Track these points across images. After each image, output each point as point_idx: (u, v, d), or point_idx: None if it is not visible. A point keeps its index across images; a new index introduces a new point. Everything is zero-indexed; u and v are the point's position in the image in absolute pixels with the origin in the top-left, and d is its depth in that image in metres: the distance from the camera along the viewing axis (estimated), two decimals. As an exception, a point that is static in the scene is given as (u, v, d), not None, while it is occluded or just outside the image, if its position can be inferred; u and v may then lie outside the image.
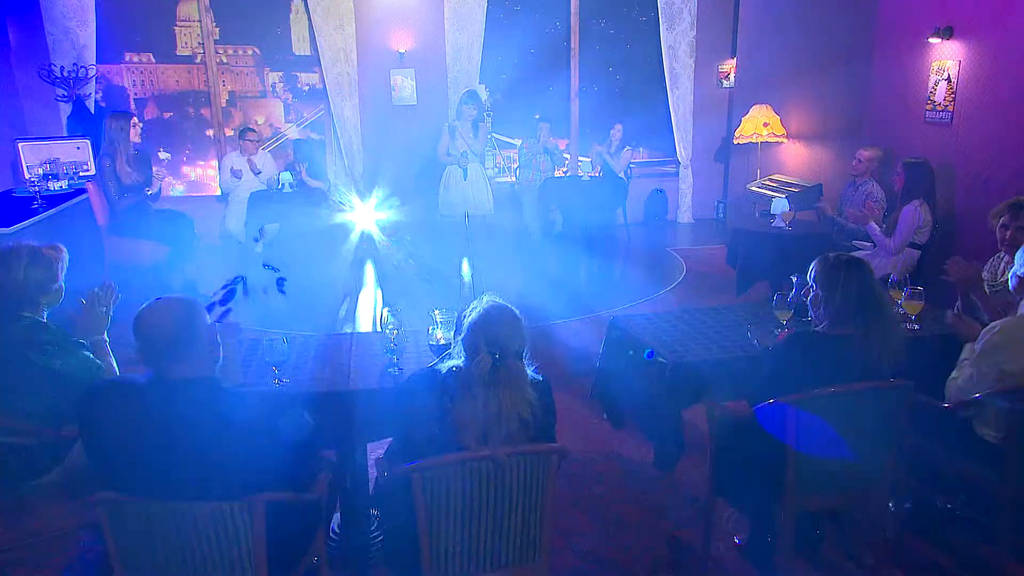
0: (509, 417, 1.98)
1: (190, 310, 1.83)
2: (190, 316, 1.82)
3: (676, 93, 8.98)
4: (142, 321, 1.80)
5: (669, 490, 3.20)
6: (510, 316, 2.07)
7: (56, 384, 2.40)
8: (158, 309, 1.82)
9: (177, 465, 1.80)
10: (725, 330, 3.04)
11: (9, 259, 2.41)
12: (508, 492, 2.03)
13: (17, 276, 2.39)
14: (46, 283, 2.46)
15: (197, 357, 1.83)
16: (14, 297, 2.40)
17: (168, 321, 1.80)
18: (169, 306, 1.83)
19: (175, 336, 1.79)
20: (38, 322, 2.44)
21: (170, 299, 1.86)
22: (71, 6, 7.19)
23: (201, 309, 1.87)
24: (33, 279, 2.42)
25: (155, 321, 1.79)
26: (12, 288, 2.39)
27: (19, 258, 2.42)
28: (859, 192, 5.34)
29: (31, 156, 5.54)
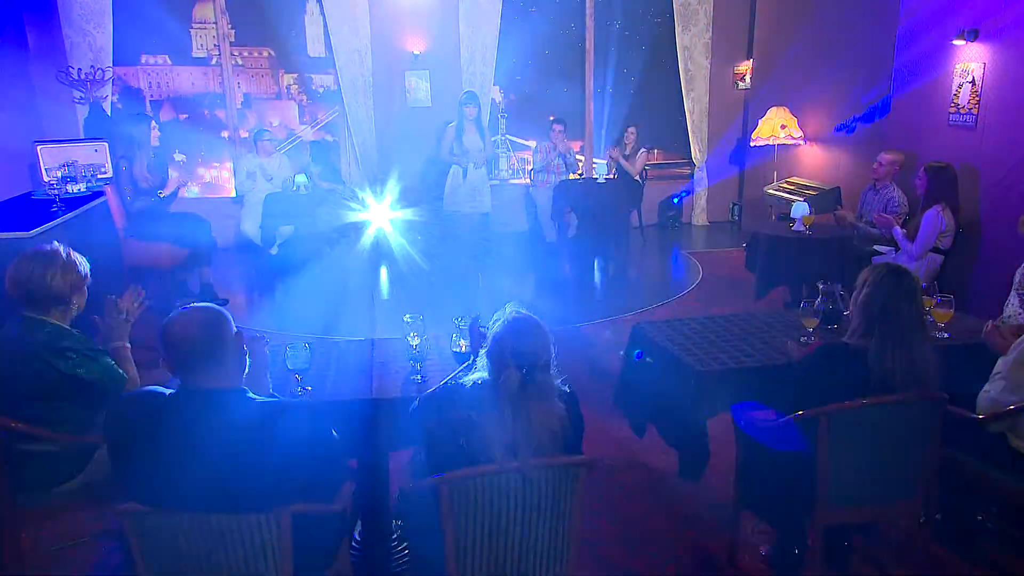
0: (539, 432, 1.94)
1: (217, 320, 1.81)
2: (217, 326, 1.80)
3: (691, 95, 8.93)
4: (169, 331, 1.78)
5: (693, 499, 3.17)
6: (536, 327, 2.03)
7: (78, 391, 2.39)
8: (185, 319, 1.80)
9: (203, 476, 1.78)
10: (750, 337, 3.00)
11: (43, 262, 2.40)
12: (536, 505, 2.00)
13: (49, 279, 2.38)
14: (76, 287, 2.46)
15: (224, 367, 1.81)
16: (45, 301, 2.40)
17: (195, 331, 1.78)
18: (196, 316, 1.81)
19: (202, 346, 1.77)
20: (63, 329, 2.43)
21: (197, 309, 1.84)
22: (89, 8, 7.22)
23: (228, 318, 1.85)
24: (66, 283, 2.41)
25: (182, 331, 1.78)
26: (43, 291, 2.38)
27: (53, 262, 2.41)
28: (880, 196, 5.28)
29: (49, 159, 5.55)
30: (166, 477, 1.79)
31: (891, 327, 2.22)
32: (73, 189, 5.13)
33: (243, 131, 8.28)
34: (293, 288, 6.82)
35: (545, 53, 8.82)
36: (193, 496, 1.79)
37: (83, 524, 2.90)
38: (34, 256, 2.42)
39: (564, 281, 7.02)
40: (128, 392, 1.86)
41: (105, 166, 5.82)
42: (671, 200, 9.10)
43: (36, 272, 2.38)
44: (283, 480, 1.84)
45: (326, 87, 8.45)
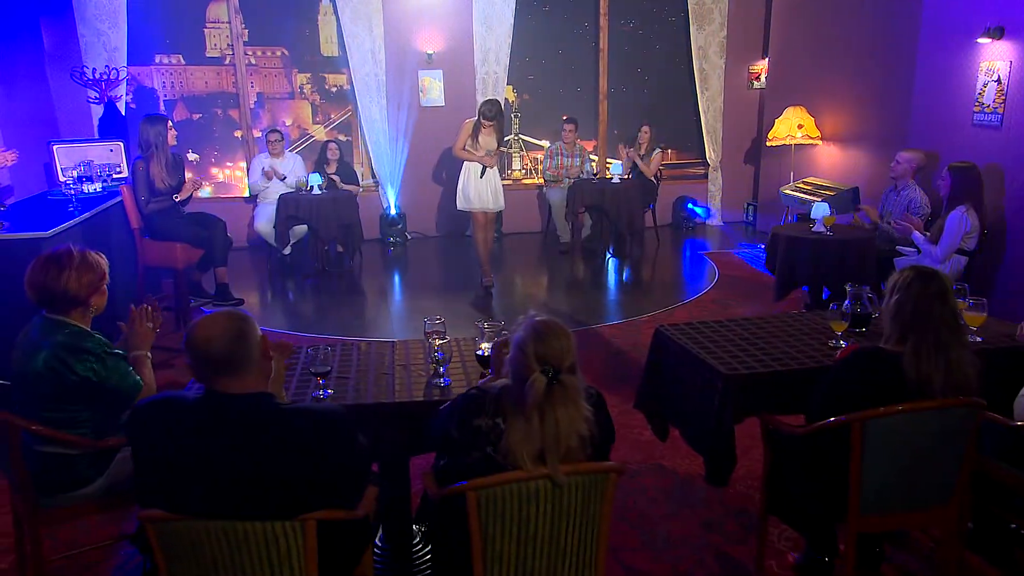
0: (568, 435, 1.90)
1: (241, 325, 1.78)
2: (241, 331, 1.77)
3: (706, 94, 8.88)
4: (192, 337, 1.75)
5: (717, 504, 3.12)
6: (559, 330, 1.98)
7: (94, 395, 2.37)
8: (208, 325, 1.77)
9: (228, 482, 1.75)
10: (776, 340, 2.95)
11: (58, 264, 2.38)
12: (566, 511, 1.96)
13: (65, 282, 2.36)
14: (94, 288, 2.44)
15: (248, 372, 1.78)
16: (63, 303, 2.37)
17: (218, 337, 1.75)
18: (219, 321, 1.78)
19: (226, 352, 1.74)
20: (83, 331, 2.41)
21: (220, 314, 1.81)
22: (103, 8, 7.23)
23: (252, 323, 1.82)
24: (82, 285, 2.39)
25: (205, 337, 1.74)
26: (60, 294, 2.36)
27: (70, 262, 2.39)
28: (901, 196, 5.21)
29: (65, 159, 5.55)
30: (190, 483, 1.76)
31: (925, 331, 2.16)
32: (89, 189, 5.14)
33: (256, 131, 8.28)
34: (306, 288, 6.81)
35: (559, 52, 8.78)
36: (218, 502, 1.76)
37: (103, 528, 2.88)
38: (49, 259, 2.41)
39: (578, 282, 6.97)
40: (151, 397, 1.83)
41: (120, 166, 5.83)
42: (685, 206, 9.03)
43: (51, 275, 2.36)
44: (308, 486, 1.81)
45: (339, 87, 8.44)
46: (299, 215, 6.79)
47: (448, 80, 8.34)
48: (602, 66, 8.82)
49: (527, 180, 8.95)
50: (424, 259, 7.98)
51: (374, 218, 8.28)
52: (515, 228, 8.69)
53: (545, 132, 8.78)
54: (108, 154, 5.75)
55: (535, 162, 8.83)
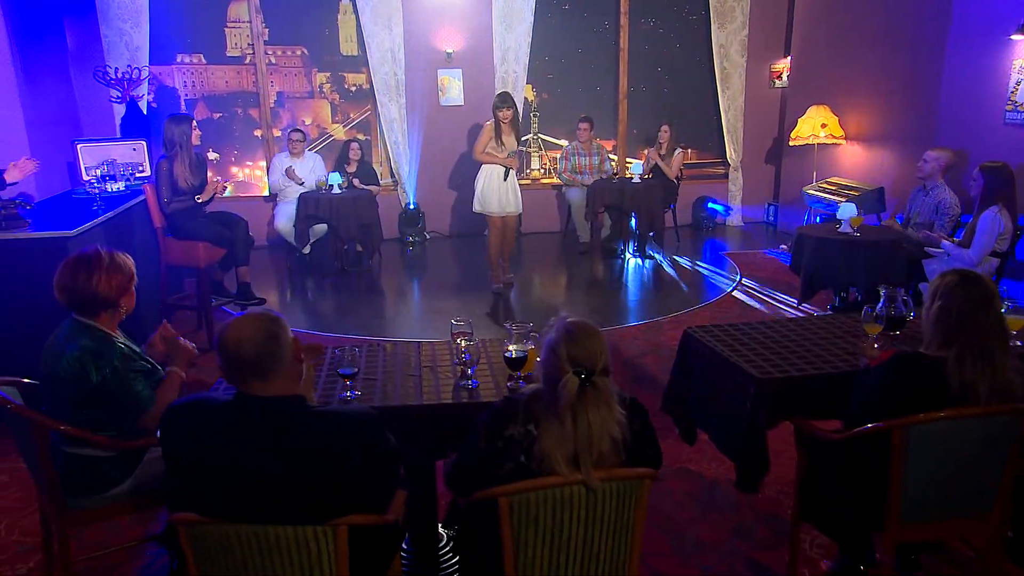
0: (600, 437, 1.87)
1: (272, 327, 1.75)
2: (272, 334, 1.74)
3: (727, 94, 8.80)
4: (224, 338, 1.73)
5: (747, 509, 3.07)
6: (592, 331, 1.96)
7: (109, 402, 2.35)
8: (239, 327, 1.75)
9: (258, 485, 1.73)
10: (808, 343, 2.89)
11: (87, 267, 2.37)
12: (600, 517, 1.92)
13: (94, 285, 2.35)
14: (123, 289, 2.42)
15: (279, 375, 1.75)
16: (92, 305, 2.36)
17: (250, 338, 1.72)
18: (250, 324, 1.75)
19: (257, 354, 1.71)
20: (107, 336, 2.39)
21: (251, 316, 1.79)
22: (126, 8, 7.27)
23: (284, 325, 1.79)
24: (111, 287, 2.38)
25: (236, 340, 1.72)
26: (88, 296, 2.35)
27: (99, 264, 2.38)
28: (930, 197, 5.11)
29: (89, 158, 5.58)
30: (221, 485, 1.74)
31: (970, 338, 2.10)
32: (112, 188, 5.16)
33: (276, 130, 8.30)
34: (326, 287, 6.82)
35: (578, 51, 8.73)
36: (247, 505, 1.74)
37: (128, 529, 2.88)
38: (78, 261, 2.39)
39: (598, 282, 6.92)
40: (183, 399, 1.81)
41: (143, 165, 5.85)
42: (706, 205, 8.96)
43: (81, 277, 2.35)
44: (338, 490, 1.79)
45: (358, 86, 8.44)
46: (319, 214, 6.79)
47: (467, 79, 8.32)
48: (622, 65, 8.76)
49: (546, 180, 8.90)
50: (443, 258, 7.96)
51: (393, 217, 8.28)
52: (534, 228, 8.65)
53: (564, 131, 8.74)
54: (131, 153, 5.77)
55: (554, 161, 8.78)
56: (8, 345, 3.70)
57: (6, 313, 3.76)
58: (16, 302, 3.75)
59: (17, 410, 2.24)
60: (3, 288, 3.77)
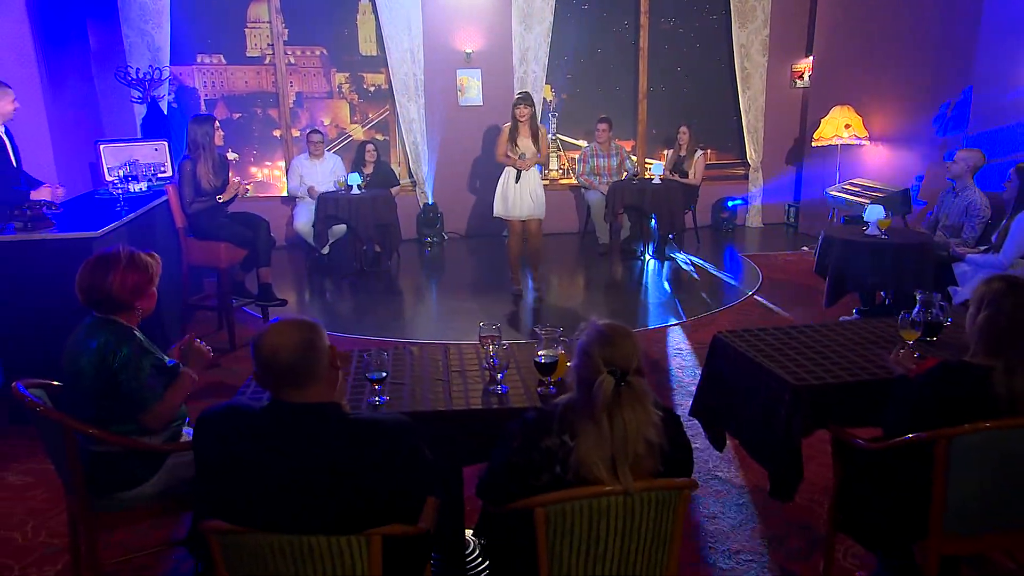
0: (636, 439, 1.83)
1: (309, 335, 1.72)
2: (309, 342, 1.72)
3: (747, 94, 8.72)
4: (261, 345, 1.70)
5: (777, 518, 3.01)
6: (624, 332, 1.93)
7: (118, 391, 2.34)
8: (276, 335, 1.72)
9: (292, 493, 1.71)
10: (842, 349, 2.83)
11: (103, 267, 2.37)
12: (637, 529, 1.88)
13: (109, 285, 2.35)
14: (139, 290, 2.41)
15: (315, 383, 1.72)
16: (108, 305, 2.36)
17: (287, 346, 1.70)
18: (287, 331, 1.72)
19: (293, 363, 1.69)
20: (127, 330, 2.39)
21: (288, 323, 1.76)
22: (148, 9, 7.30)
23: (321, 332, 1.77)
24: (126, 288, 2.37)
25: (272, 347, 1.70)
26: (104, 296, 2.35)
27: (116, 264, 2.38)
28: (960, 199, 5.03)
29: (111, 158, 5.60)
30: (254, 493, 1.71)
31: (1020, 347, 2.04)
32: (134, 188, 5.17)
33: (295, 130, 8.31)
34: (344, 288, 6.81)
35: (597, 51, 8.68)
36: (281, 513, 1.71)
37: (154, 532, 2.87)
38: (97, 260, 2.40)
39: (617, 284, 6.87)
40: (217, 405, 1.79)
41: (165, 165, 5.86)
42: (725, 203, 8.89)
43: (97, 276, 2.36)
44: (373, 499, 1.76)
45: (377, 86, 8.43)
46: (338, 214, 6.78)
47: (486, 79, 8.29)
48: (642, 65, 8.70)
49: (564, 180, 8.86)
50: (461, 259, 7.94)
51: (411, 218, 8.26)
52: (553, 229, 8.57)
53: (583, 132, 8.69)
54: (153, 153, 5.79)
55: (572, 162, 8.73)
56: (34, 345, 3.71)
57: (32, 313, 3.77)
58: (41, 302, 3.75)
59: (46, 412, 2.24)
60: (29, 288, 3.78)
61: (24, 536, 2.94)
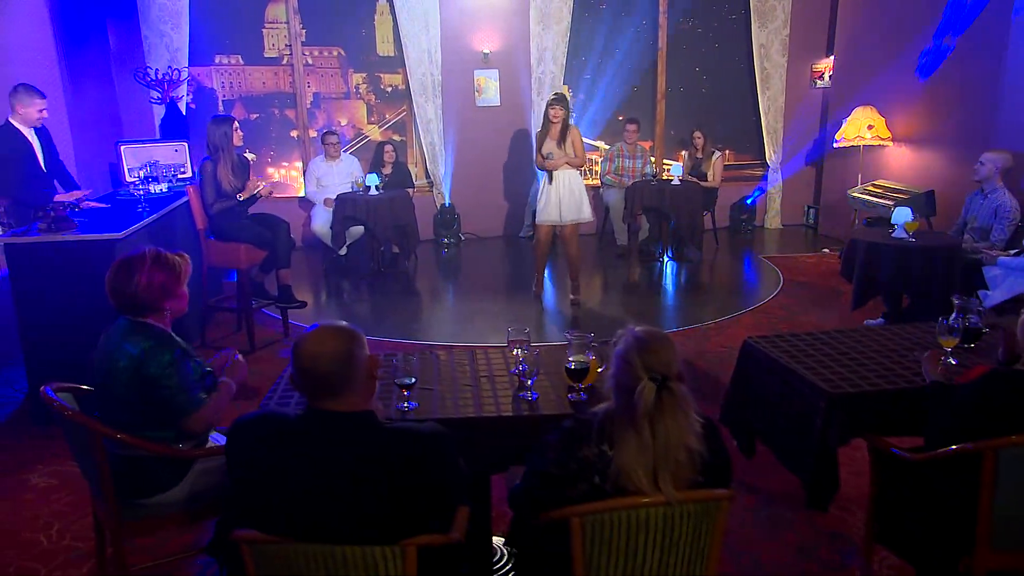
0: (677, 446, 1.79)
1: (350, 345, 1.69)
2: (350, 353, 1.69)
3: (767, 94, 8.63)
4: (300, 351, 1.67)
5: (809, 527, 2.95)
6: (663, 337, 1.89)
7: (160, 401, 2.31)
8: (317, 343, 1.69)
9: (327, 503, 1.67)
10: (877, 355, 2.78)
11: (128, 269, 2.34)
12: (676, 541, 1.84)
13: (135, 287, 2.32)
14: (167, 291, 2.37)
15: (353, 393, 1.69)
16: (137, 307, 2.34)
17: (327, 355, 1.67)
18: (328, 340, 1.69)
19: (332, 372, 1.66)
20: (165, 334, 2.36)
21: (329, 331, 1.72)
22: (167, 9, 7.31)
23: (361, 342, 1.74)
24: (152, 289, 2.34)
25: (314, 353, 1.67)
26: (131, 298, 2.32)
27: (141, 264, 2.35)
28: (988, 201, 4.95)
29: (132, 159, 5.61)
30: (288, 501, 1.68)
31: None
32: (155, 189, 5.16)
33: (312, 131, 8.30)
34: (362, 289, 6.79)
35: (615, 51, 8.62)
36: (314, 521, 1.68)
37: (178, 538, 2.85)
38: (123, 262, 2.37)
39: (636, 286, 6.81)
40: (251, 413, 1.76)
41: (185, 166, 5.86)
42: (744, 201, 8.81)
43: (122, 278, 2.33)
44: (406, 508, 1.73)
45: (394, 87, 8.41)
46: (356, 215, 6.77)
47: (504, 79, 8.26)
48: (660, 65, 8.63)
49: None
50: (479, 260, 7.90)
51: (428, 219, 8.24)
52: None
53: (600, 132, 8.63)
54: (173, 154, 5.79)
55: (590, 163, 8.68)
56: (59, 347, 3.71)
57: (56, 315, 3.77)
58: (65, 304, 3.75)
59: (75, 417, 2.22)
60: (53, 290, 3.78)
61: (49, 539, 2.93)
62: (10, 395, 4.36)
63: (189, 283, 2.50)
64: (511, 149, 8.46)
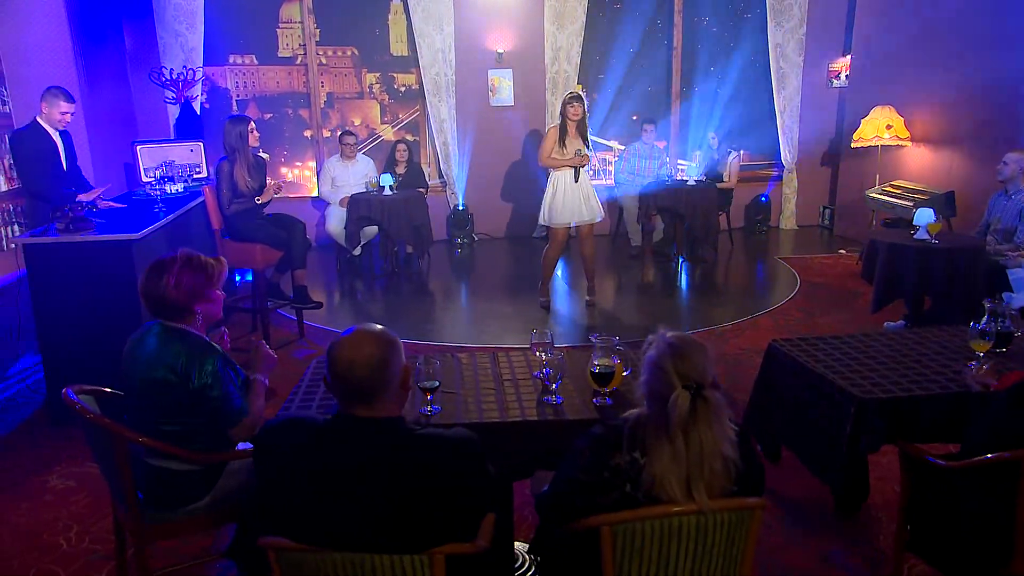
0: (712, 456, 1.76)
1: (389, 353, 1.66)
2: (386, 361, 1.65)
3: (782, 93, 8.57)
4: (336, 356, 1.64)
5: (834, 534, 2.90)
6: (697, 344, 1.85)
7: (204, 409, 2.28)
8: (355, 346, 1.66)
9: (356, 509, 1.65)
10: (906, 360, 2.73)
11: (161, 268, 2.31)
12: (708, 550, 1.80)
13: (163, 290, 2.28)
14: (196, 295, 2.34)
15: (386, 401, 1.66)
16: (169, 311, 2.30)
17: (363, 363, 1.63)
18: (366, 345, 1.66)
19: (367, 380, 1.63)
20: (203, 340, 2.32)
21: (368, 337, 1.68)
22: (182, 9, 7.32)
23: (398, 349, 1.70)
24: (181, 292, 2.30)
25: (350, 359, 1.64)
26: (160, 302, 2.29)
27: (171, 266, 2.31)
28: (1012, 202, 4.88)
29: (148, 159, 5.61)
30: (316, 509, 1.66)
31: None
32: (171, 189, 5.16)
33: (326, 130, 8.30)
34: (376, 290, 6.77)
35: (630, 51, 8.57)
36: (343, 528, 1.65)
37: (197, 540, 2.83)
38: (153, 265, 2.35)
39: (651, 288, 6.75)
40: (279, 418, 1.73)
41: (200, 166, 5.86)
42: (760, 198, 8.75)
43: (152, 281, 2.30)
44: (434, 515, 1.70)
45: (408, 86, 8.39)
46: (371, 215, 6.75)
47: (518, 79, 8.23)
48: (675, 65, 8.58)
49: (595, 182, 8.74)
50: (492, 261, 7.87)
51: (441, 219, 8.22)
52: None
53: (614, 132, 8.59)
54: (188, 154, 5.79)
55: (603, 163, 8.64)
56: (76, 347, 3.71)
57: (74, 315, 3.76)
58: (83, 304, 3.74)
59: (96, 420, 2.20)
60: (70, 290, 3.77)
61: (68, 542, 2.92)
62: (27, 395, 4.36)
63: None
64: (525, 149, 8.43)
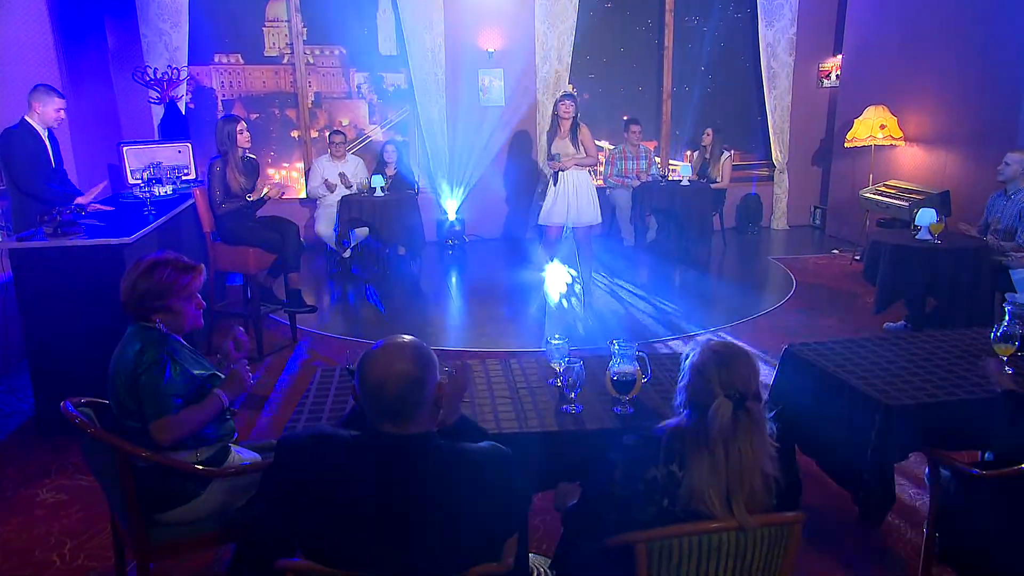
0: (752, 471, 1.69)
1: (423, 372, 1.57)
2: (420, 380, 1.56)
3: (773, 93, 8.56)
4: (368, 371, 1.54)
5: (855, 543, 2.85)
6: (742, 352, 1.78)
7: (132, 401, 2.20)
8: (388, 362, 1.55)
9: (383, 529, 1.55)
10: (928, 364, 2.67)
11: (131, 271, 2.28)
12: (748, 565, 1.73)
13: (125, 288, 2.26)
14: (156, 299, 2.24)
15: (418, 418, 1.57)
16: (140, 311, 2.25)
17: (396, 380, 1.54)
18: (400, 362, 1.55)
19: (399, 398, 1.54)
20: (160, 335, 2.25)
21: (402, 350, 1.58)
22: (166, 8, 7.15)
23: (434, 367, 1.60)
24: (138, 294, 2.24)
25: (383, 376, 1.54)
26: (132, 301, 2.25)
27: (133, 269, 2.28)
28: (1012, 202, 4.86)
29: (134, 160, 5.45)
30: (341, 529, 1.56)
31: None
32: (159, 191, 5.02)
33: (313, 131, 8.16)
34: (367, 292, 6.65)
35: (620, 50, 8.53)
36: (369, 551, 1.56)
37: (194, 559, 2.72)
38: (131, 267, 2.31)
39: (644, 288, 6.70)
40: (305, 431, 1.62)
41: (188, 168, 5.71)
42: (749, 195, 8.73)
43: (123, 283, 2.28)
44: (463, 532, 1.61)
45: (396, 86, 8.28)
46: (361, 217, 6.64)
47: (509, 79, 8.14)
48: (666, 64, 8.54)
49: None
50: (484, 262, 7.78)
51: (432, 220, 8.11)
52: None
53: (606, 132, 8.53)
54: (176, 155, 5.64)
55: (596, 163, 8.57)
56: (65, 355, 3.58)
57: (63, 322, 3.63)
58: (72, 310, 3.61)
59: (99, 436, 2.09)
60: (59, 296, 3.63)
61: (62, 558, 2.79)
62: (14, 404, 4.21)
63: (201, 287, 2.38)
64: (516, 149, 8.35)
